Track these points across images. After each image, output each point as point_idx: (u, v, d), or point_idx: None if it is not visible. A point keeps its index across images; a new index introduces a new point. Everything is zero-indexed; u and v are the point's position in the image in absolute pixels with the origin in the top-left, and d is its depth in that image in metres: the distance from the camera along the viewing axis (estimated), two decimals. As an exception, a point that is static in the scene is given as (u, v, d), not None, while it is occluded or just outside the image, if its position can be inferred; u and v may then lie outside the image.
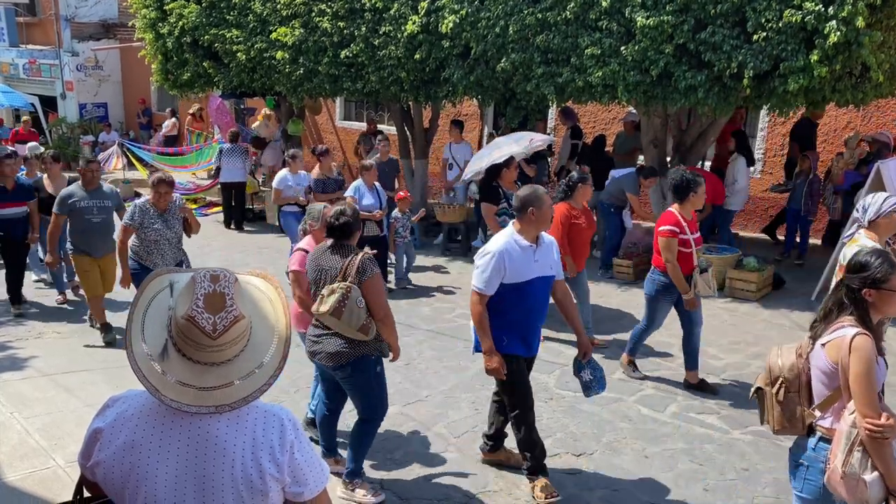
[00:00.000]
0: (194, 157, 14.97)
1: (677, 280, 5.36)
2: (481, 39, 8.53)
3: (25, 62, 20.73)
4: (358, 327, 3.88)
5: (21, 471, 4.46)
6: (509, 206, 6.88)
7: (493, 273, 3.96)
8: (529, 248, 4.02)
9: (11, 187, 7.52)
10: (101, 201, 6.76)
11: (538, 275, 4.06)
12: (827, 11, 6.45)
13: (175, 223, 6.22)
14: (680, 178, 5.48)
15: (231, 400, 1.70)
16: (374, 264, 3.98)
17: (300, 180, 9.05)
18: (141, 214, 6.07)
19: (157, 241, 6.09)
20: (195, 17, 11.11)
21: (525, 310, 4.08)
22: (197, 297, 1.67)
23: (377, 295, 3.94)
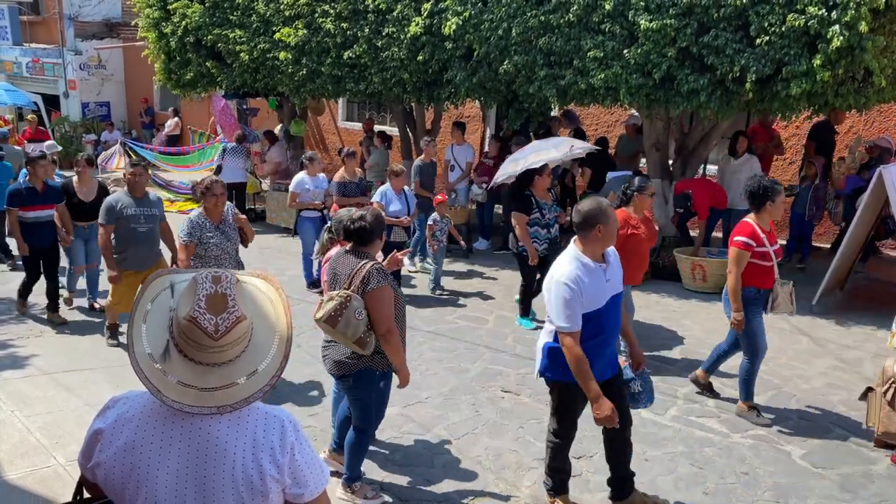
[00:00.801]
0: (197, 157, 14.98)
1: (734, 294, 4.97)
2: (484, 41, 8.53)
3: (29, 61, 20.76)
4: (354, 339, 3.71)
5: (22, 469, 4.46)
6: (542, 215, 6.80)
7: (573, 306, 3.53)
8: (599, 268, 3.62)
9: (42, 189, 7.23)
10: (148, 209, 6.36)
11: (611, 295, 3.69)
12: (830, 16, 6.45)
13: (233, 234, 5.67)
14: (756, 186, 4.99)
15: (233, 401, 1.70)
16: (383, 276, 3.78)
17: (318, 183, 8.57)
18: (199, 229, 5.46)
19: (218, 257, 5.49)
20: (198, 17, 11.13)
21: (601, 335, 3.69)
22: (199, 298, 1.67)
23: (380, 309, 3.73)
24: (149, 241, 6.38)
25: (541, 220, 6.82)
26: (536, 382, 5.88)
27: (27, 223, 7.15)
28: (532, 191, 6.86)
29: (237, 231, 5.72)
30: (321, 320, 3.73)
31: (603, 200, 3.75)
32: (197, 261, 5.47)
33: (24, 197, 7.15)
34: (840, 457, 4.79)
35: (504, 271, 9.32)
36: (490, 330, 7.14)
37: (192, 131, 17.44)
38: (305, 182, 8.52)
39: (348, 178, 8.40)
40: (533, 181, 6.86)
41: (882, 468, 4.65)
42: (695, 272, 8.32)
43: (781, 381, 5.92)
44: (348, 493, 4.17)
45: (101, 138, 18.51)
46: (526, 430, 5.09)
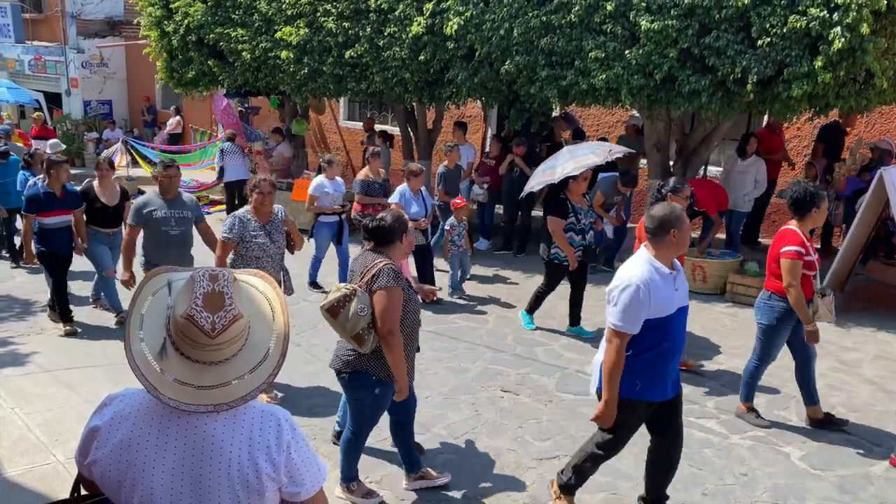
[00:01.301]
0: (198, 155, 15.01)
1: (801, 309, 4.76)
2: (486, 41, 8.53)
3: (31, 58, 20.79)
4: (352, 334, 3.69)
5: (21, 466, 4.47)
6: (577, 221, 6.64)
7: (638, 308, 3.40)
8: (670, 275, 3.49)
9: (61, 194, 6.87)
10: (180, 211, 6.02)
11: (679, 306, 3.54)
12: (831, 18, 6.45)
13: (279, 237, 5.35)
14: (803, 192, 4.80)
15: (229, 399, 1.70)
16: (394, 277, 3.70)
17: (337, 187, 8.31)
18: (241, 227, 5.19)
19: (259, 259, 5.19)
20: (200, 16, 11.14)
21: (665, 348, 3.54)
22: (196, 296, 1.67)
23: (385, 309, 3.68)
24: (181, 246, 6.02)
25: (576, 225, 6.65)
26: (536, 382, 5.90)
27: (46, 229, 6.82)
28: (567, 195, 6.69)
29: (284, 235, 5.41)
30: (323, 308, 3.76)
31: (676, 205, 3.64)
32: (237, 260, 5.20)
33: (42, 202, 6.78)
34: (839, 458, 4.79)
35: (504, 271, 9.33)
36: (490, 330, 7.14)
37: (194, 130, 17.46)
38: (325, 185, 8.25)
39: (372, 177, 8.33)
40: (568, 186, 6.68)
41: (880, 470, 4.65)
42: (695, 273, 8.32)
43: (781, 382, 5.92)
44: (346, 492, 4.17)
45: (103, 136, 18.54)
46: (525, 430, 5.10)
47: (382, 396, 3.92)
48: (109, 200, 7.11)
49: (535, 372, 6.10)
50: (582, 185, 6.70)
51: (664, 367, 3.58)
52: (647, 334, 3.46)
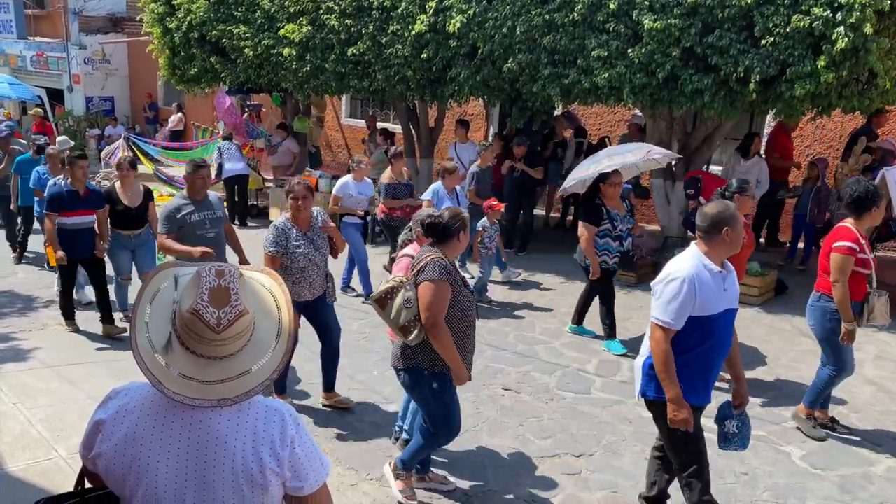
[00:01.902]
0: (200, 152, 14.98)
1: (843, 306, 4.61)
2: (488, 39, 8.53)
3: (33, 55, 20.80)
4: (398, 325, 3.71)
5: (23, 461, 4.48)
6: (613, 227, 6.35)
7: (684, 303, 3.32)
8: (719, 274, 3.40)
9: (84, 193, 6.61)
10: (212, 212, 5.76)
11: (727, 307, 3.44)
12: (835, 17, 6.44)
13: (322, 243, 5.09)
14: (863, 190, 4.63)
15: (234, 394, 1.71)
16: (441, 271, 3.64)
17: (363, 189, 8.04)
18: (284, 237, 4.93)
19: (304, 269, 4.95)
20: (203, 13, 11.15)
21: (709, 349, 3.43)
22: (202, 292, 1.68)
23: (428, 301, 3.63)
24: (217, 248, 5.73)
25: (612, 231, 6.36)
26: (537, 380, 5.90)
27: (66, 230, 6.58)
28: (603, 200, 6.38)
29: (326, 240, 5.16)
30: (372, 299, 3.81)
31: (730, 203, 3.55)
32: (281, 272, 4.82)
33: (65, 201, 6.55)
34: (839, 458, 4.79)
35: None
36: (492, 328, 7.14)
37: (196, 126, 17.46)
38: (350, 187, 7.96)
39: (396, 179, 8.11)
40: (601, 189, 6.40)
41: (881, 469, 4.65)
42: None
43: (782, 382, 5.92)
44: (392, 475, 4.20)
45: (105, 133, 18.55)
46: (526, 429, 5.10)
47: (442, 390, 3.83)
48: (132, 202, 6.86)
49: (536, 370, 6.11)
50: (616, 189, 6.41)
51: (707, 369, 3.47)
52: (692, 333, 3.37)
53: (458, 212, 3.90)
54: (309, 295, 5.03)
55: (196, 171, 5.74)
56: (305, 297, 5.01)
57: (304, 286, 4.98)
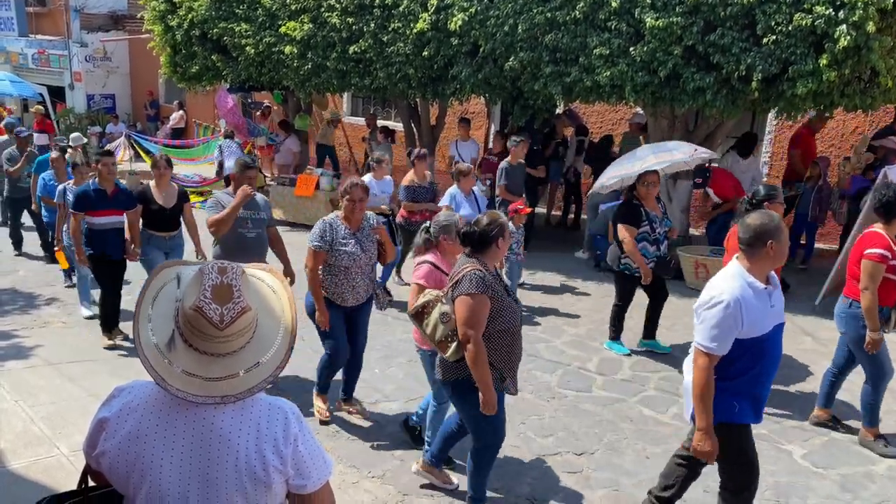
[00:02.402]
0: (201, 150, 15.01)
1: (870, 314, 4.49)
2: (490, 37, 8.53)
3: (34, 52, 20.81)
4: (436, 341, 3.62)
5: (25, 458, 4.48)
6: (651, 229, 6.09)
7: (729, 328, 3.13)
8: (764, 291, 3.19)
9: (112, 192, 6.34)
10: (256, 213, 5.48)
11: (776, 323, 3.26)
12: (837, 16, 6.44)
13: (370, 245, 4.87)
14: (892, 195, 4.49)
15: (237, 391, 1.71)
16: (479, 283, 3.48)
17: (384, 187, 7.86)
18: (331, 233, 4.75)
19: (348, 269, 4.75)
20: (204, 11, 11.15)
21: (762, 368, 3.27)
22: (205, 289, 1.68)
23: (464, 316, 3.48)
24: (259, 249, 5.49)
25: (649, 234, 6.08)
26: (538, 379, 5.90)
27: (95, 230, 6.29)
28: (640, 201, 6.14)
29: (375, 244, 4.94)
30: (409, 313, 3.74)
31: (774, 214, 3.30)
32: (325, 271, 4.79)
33: (92, 200, 6.27)
34: (841, 457, 4.79)
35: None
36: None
37: (197, 124, 17.47)
38: (372, 186, 7.34)
39: (417, 181, 7.83)
40: (638, 190, 6.13)
41: (882, 468, 4.65)
42: (698, 270, 8.31)
43: (784, 381, 5.92)
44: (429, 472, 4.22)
45: (106, 130, 18.56)
46: (527, 427, 5.10)
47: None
48: (167, 202, 6.58)
49: (537, 368, 6.11)
50: (653, 190, 6.15)
51: (761, 389, 3.31)
52: (742, 355, 3.19)
53: (496, 217, 3.68)
54: (352, 299, 4.83)
55: (244, 171, 5.48)
56: (349, 302, 4.83)
57: (347, 288, 4.79)
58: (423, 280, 4.14)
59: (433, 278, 4.12)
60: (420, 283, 4.13)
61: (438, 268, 4.18)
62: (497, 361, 3.60)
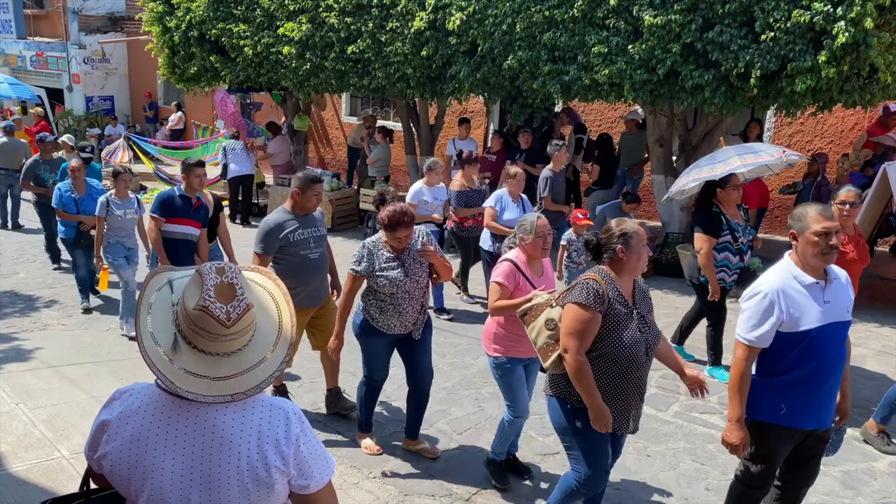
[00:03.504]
0: (200, 152, 14.99)
1: None
2: (488, 37, 8.53)
3: (33, 54, 20.80)
4: (538, 346, 3.42)
5: (26, 461, 4.48)
6: (734, 239, 5.60)
7: (764, 319, 3.07)
8: (815, 285, 3.08)
9: (196, 204, 6.03)
10: (317, 229, 4.94)
11: (830, 321, 3.08)
12: (836, 12, 6.43)
13: (417, 269, 4.35)
14: None
15: (245, 388, 1.72)
16: (588, 295, 3.16)
17: (437, 194, 7.50)
18: (372, 259, 4.32)
19: (392, 295, 4.31)
20: (202, 12, 11.14)
21: (811, 370, 3.11)
22: (207, 288, 1.69)
23: (567, 326, 3.20)
24: (322, 270, 5.00)
25: (732, 244, 5.59)
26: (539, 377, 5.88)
27: (171, 239, 5.93)
28: (720, 208, 5.64)
29: (425, 267, 4.42)
30: (518, 313, 3.57)
31: (827, 207, 3.18)
32: (367, 294, 4.41)
33: (177, 207, 5.96)
34: (842, 453, 4.76)
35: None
36: (493, 325, 7.14)
37: (196, 125, 17.46)
38: (423, 193, 7.39)
39: (468, 185, 7.52)
40: (716, 195, 5.64)
41: (884, 465, 4.65)
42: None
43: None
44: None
45: (105, 132, 18.55)
46: (528, 426, 5.08)
47: (587, 431, 3.31)
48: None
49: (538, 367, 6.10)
50: (734, 194, 5.63)
51: (814, 390, 3.15)
52: (787, 351, 3.11)
53: (621, 224, 3.32)
54: (399, 328, 4.39)
55: (311, 186, 4.81)
56: (395, 330, 4.39)
57: (393, 316, 4.34)
58: (502, 278, 3.96)
59: (512, 278, 3.95)
60: (498, 282, 3.97)
61: (519, 268, 4.00)
62: (601, 388, 3.23)
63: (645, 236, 3.30)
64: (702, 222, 5.64)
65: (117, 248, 6.88)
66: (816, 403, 3.17)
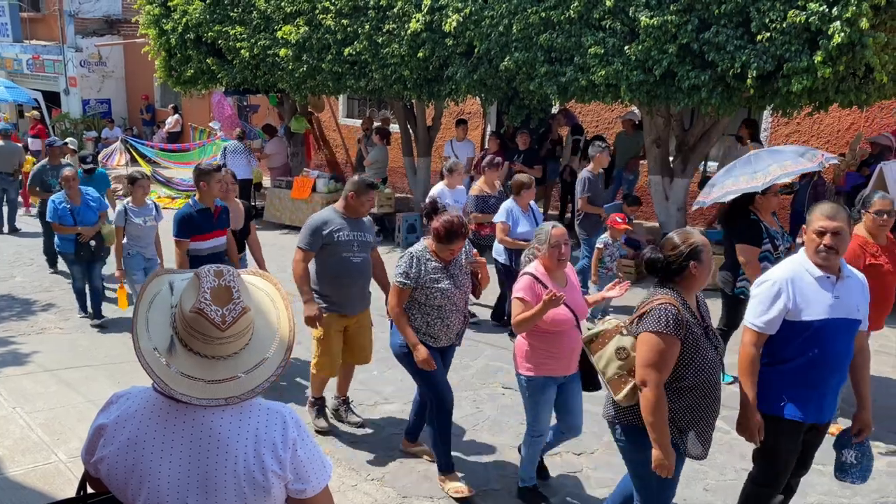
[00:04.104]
0: (197, 154, 14.99)
1: None
2: (485, 38, 8.53)
3: (29, 58, 20.77)
4: (607, 377, 3.15)
5: (23, 465, 4.47)
6: (773, 248, 5.35)
7: (771, 305, 3.13)
8: (825, 278, 3.15)
9: (216, 211, 5.63)
10: (363, 234, 4.77)
11: (837, 315, 3.12)
12: (831, 12, 6.45)
13: (464, 280, 4.24)
14: None
15: (241, 391, 1.72)
16: (668, 322, 2.90)
17: (458, 197, 7.29)
18: (419, 267, 4.12)
19: (441, 308, 4.14)
20: (199, 14, 11.14)
21: (815, 360, 3.14)
22: (203, 291, 1.69)
23: (645, 357, 2.96)
24: (364, 276, 4.83)
25: (771, 253, 5.33)
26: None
27: (202, 257, 5.43)
28: (758, 215, 5.41)
29: (469, 277, 4.34)
30: (583, 340, 3.33)
31: (836, 207, 3.20)
32: (412, 307, 4.16)
33: (198, 223, 5.50)
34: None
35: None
36: (491, 327, 7.14)
37: (193, 128, 17.46)
38: (445, 195, 7.21)
39: (488, 191, 7.27)
40: (754, 202, 5.40)
41: (882, 465, 4.66)
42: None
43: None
44: None
45: (102, 135, 18.54)
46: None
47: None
48: (235, 223, 5.90)
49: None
50: (775, 201, 5.47)
51: (815, 382, 3.17)
52: (791, 340, 3.15)
53: (687, 237, 3.05)
54: (445, 340, 4.23)
55: (367, 191, 4.73)
56: (441, 343, 4.23)
57: (441, 328, 4.17)
58: (522, 292, 3.81)
59: (532, 292, 3.80)
60: (519, 297, 3.81)
61: (539, 280, 3.85)
62: (680, 418, 3.04)
63: (709, 244, 3.11)
64: (742, 232, 5.34)
65: (136, 259, 6.70)
66: (818, 397, 3.23)
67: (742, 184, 5.52)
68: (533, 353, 3.87)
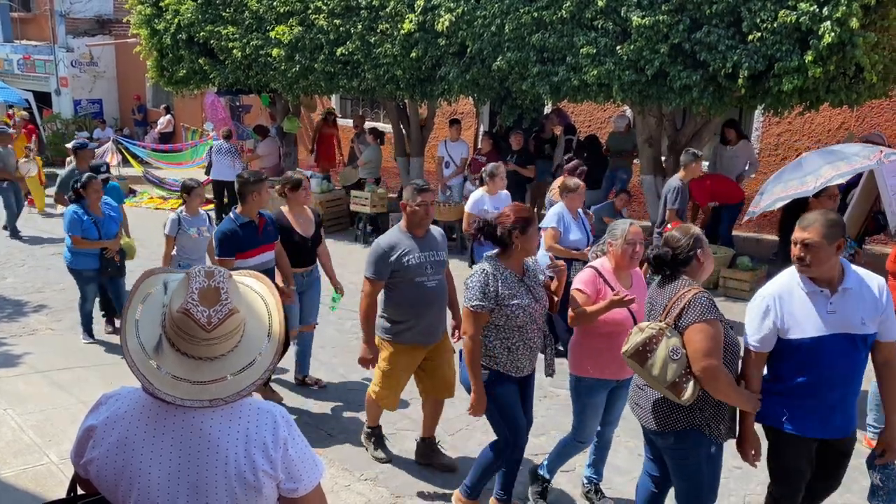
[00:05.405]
0: (189, 154, 14.97)
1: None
2: (477, 38, 8.54)
3: (20, 58, 20.66)
4: (667, 384, 3.01)
5: (15, 467, 4.45)
6: None
7: (762, 323, 3.04)
8: (818, 292, 3.00)
9: (261, 223, 5.09)
10: (435, 253, 4.28)
11: (833, 331, 2.97)
12: (821, 12, 6.48)
13: (541, 292, 3.77)
14: None
15: (226, 394, 1.71)
16: (710, 309, 2.97)
17: (499, 203, 6.62)
18: (496, 285, 3.59)
19: (522, 328, 3.64)
20: (191, 14, 11.10)
21: (815, 378, 3.02)
22: (191, 291, 1.68)
23: (702, 347, 2.94)
24: (440, 301, 4.36)
25: None
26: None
27: None
28: None
29: (544, 289, 3.85)
30: (626, 354, 3.11)
31: (815, 215, 3.05)
32: (489, 330, 3.65)
33: (241, 238, 5.00)
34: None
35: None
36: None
37: (185, 128, 17.41)
38: (484, 202, 6.77)
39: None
40: (807, 206, 5.12)
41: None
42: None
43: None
44: None
45: (94, 136, 18.44)
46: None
47: (719, 455, 3.20)
48: (306, 230, 5.38)
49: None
50: (831, 204, 5.21)
51: (819, 399, 3.05)
52: (788, 357, 3.05)
53: (686, 229, 3.18)
54: (528, 366, 3.77)
55: (419, 195, 4.20)
56: (525, 370, 3.77)
57: (524, 353, 3.70)
58: (582, 285, 3.68)
59: (593, 286, 3.69)
60: (578, 289, 3.68)
61: (603, 276, 3.73)
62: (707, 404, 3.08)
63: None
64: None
65: None
66: (822, 412, 3.08)
67: (791, 189, 5.31)
68: (587, 353, 3.76)
